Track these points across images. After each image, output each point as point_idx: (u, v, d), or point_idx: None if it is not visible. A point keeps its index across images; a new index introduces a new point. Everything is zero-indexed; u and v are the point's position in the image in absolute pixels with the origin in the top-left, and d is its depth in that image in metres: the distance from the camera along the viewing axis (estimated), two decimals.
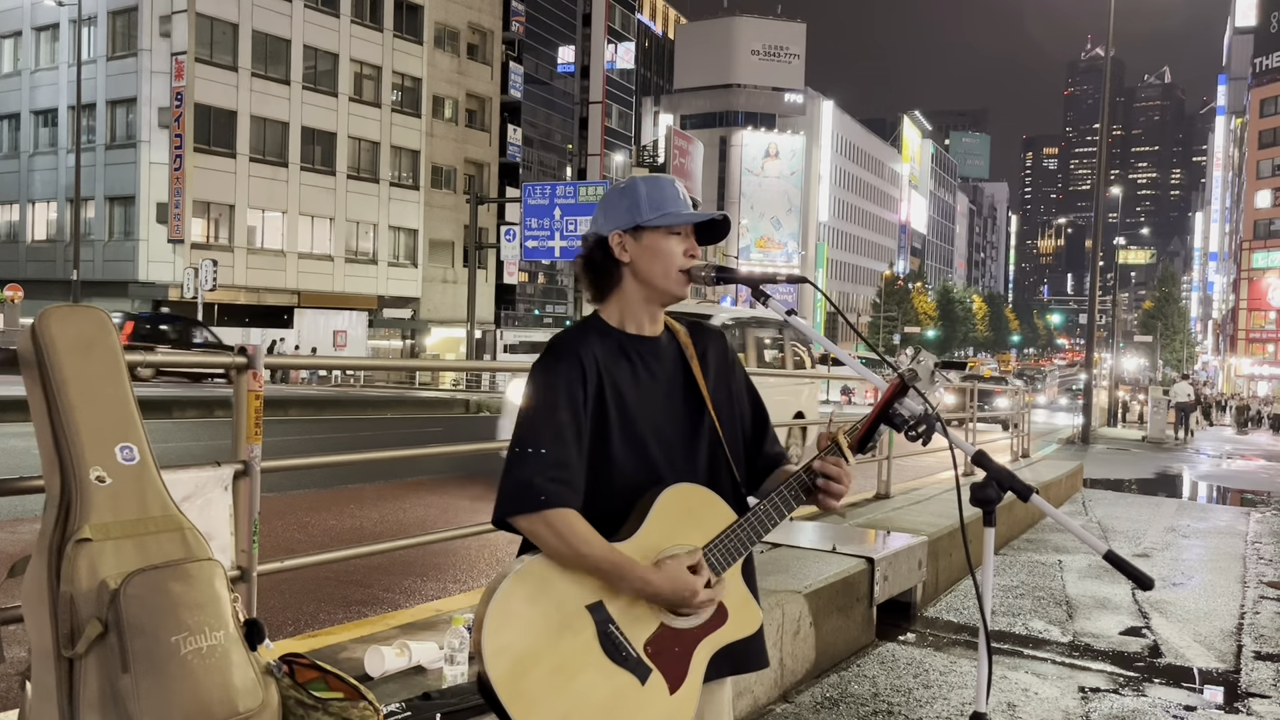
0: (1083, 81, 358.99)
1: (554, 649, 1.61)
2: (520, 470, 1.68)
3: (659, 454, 1.79)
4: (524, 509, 1.65)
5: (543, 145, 61.08)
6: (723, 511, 1.78)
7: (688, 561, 1.69)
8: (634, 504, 1.74)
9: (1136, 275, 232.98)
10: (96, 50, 35.84)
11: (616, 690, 1.64)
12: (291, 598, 5.16)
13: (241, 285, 36.31)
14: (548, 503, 1.65)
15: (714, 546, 1.74)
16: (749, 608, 1.81)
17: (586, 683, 1.62)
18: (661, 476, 1.76)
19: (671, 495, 1.73)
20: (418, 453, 4.50)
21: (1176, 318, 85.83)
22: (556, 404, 1.71)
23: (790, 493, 1.78)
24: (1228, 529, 9.99)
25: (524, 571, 1.64)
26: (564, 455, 1.69)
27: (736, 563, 1.77)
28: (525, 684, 1.58)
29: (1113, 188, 75.95)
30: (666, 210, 1.80)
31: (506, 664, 1.58)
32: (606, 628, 1.64)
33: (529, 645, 1.59)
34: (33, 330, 1.93)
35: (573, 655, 1.61)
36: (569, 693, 1.60)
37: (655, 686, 1.67)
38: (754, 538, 1.78)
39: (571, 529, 1.64)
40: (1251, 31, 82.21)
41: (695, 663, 1.72)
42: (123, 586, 1.76)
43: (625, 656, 1.65)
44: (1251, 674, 4.85)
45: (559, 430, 1.70)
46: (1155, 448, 23.43)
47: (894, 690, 4.31)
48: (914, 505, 7.31)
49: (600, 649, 1.63)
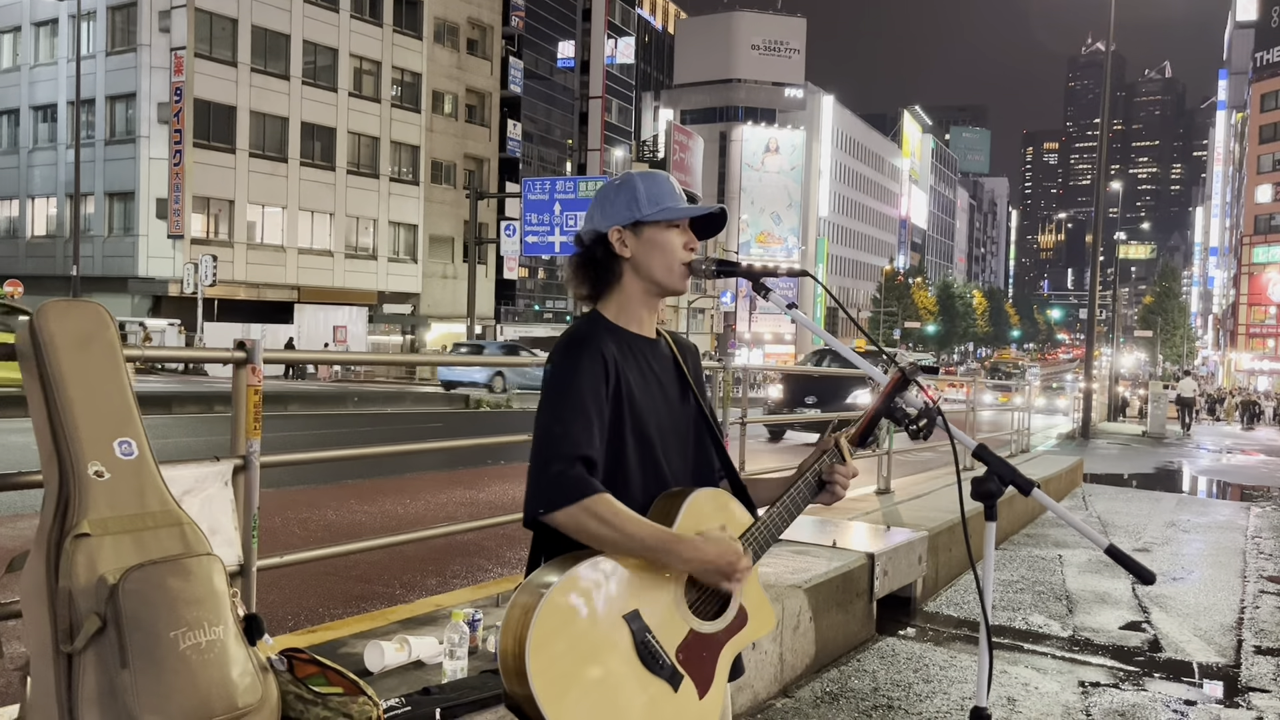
0: (1083, 76, 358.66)
1: (594, 663, 1.59)
2: (553, 465, 1.65)
3: (667, 454, 1.80)
4: (564, 502, 1.63)
5: (543, 140, 61.03)
6: (740, 515, 1.80)
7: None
8: (645, 497, 1.74)
9: (1137, 270, 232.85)
10: (96, 45, 35.78)
11: (651, 699, 1.64)
12: (291, 593, 5.16)
13: (241, 280, 36.29)
14: (588, 490, 1.63)
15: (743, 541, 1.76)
16: (765, 608, 1.83)
17: (626, 695, 1.61)
18: (671, 472, 1.78)
19: (696, 501, 1.74)
20: (417, 448, 4.50)
21: (1177, 313, 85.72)
22: (583, 398, 1.70)
23: (804, 491, 1.83)
24: (1228, 524, 9.99)
25: (566, 584, 1.61)
26: (592, 448, 1.68)
27: (756, 563, 1.79)
28: (568, 701, 1.56)
29: (1113, 183, 75.79)
30: (665, 205, 1.80)
31: (551, 679, 1.56)
32: (644, 637, 1.63)
33: (572, 661, 1.58)
34: (31, 325, 1.92)
35: (613, 668, 1.61)
36: (611, 707, 1.60)
37: (686, 692, 1.67)
38: (771, 539, 1.80)
39: (617, 511, 1.63)
40: (1252, 26, 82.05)
41: (720, 666, 1.73)
42: (121, 582, 1.76)
43: (661, 665, 1.64)
44: (1252, 668, 4.85)
45: (588, 424, 1.69)
46: (1155, 443, 23.44)
47: (894, 685, 4.31)
48: (914, 500, 7.31)
49: (638, 659, 1.63)
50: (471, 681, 2.74)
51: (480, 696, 2.60)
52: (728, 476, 1.92)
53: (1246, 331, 75.27)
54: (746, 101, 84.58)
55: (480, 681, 2.73)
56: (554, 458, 1.66)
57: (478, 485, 9.52)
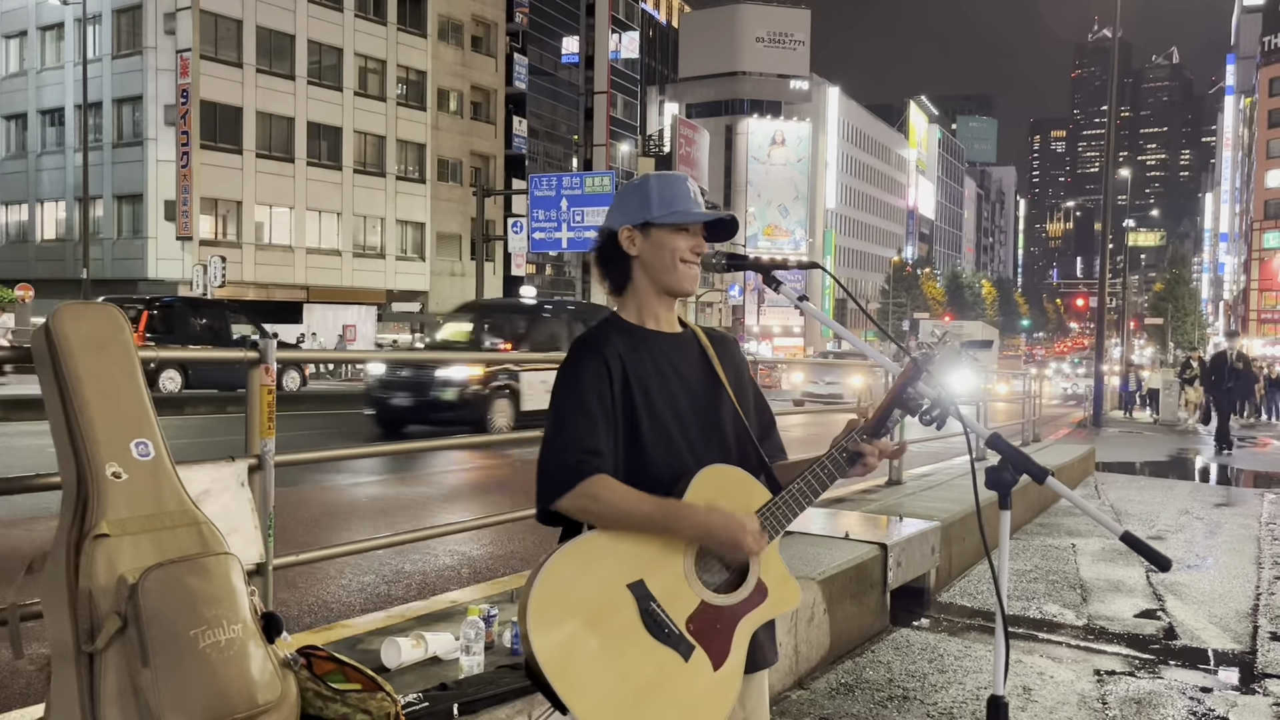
0: (1090, 63, 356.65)
1: (598, 628, 1.63)
2: (552, 459, 1.72)
3: (686, 442, 1.82)
4: (563, 489, 1.69)
5: (548, 137, 60.94)
6: (758, 490, 1.80)
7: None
8: (666, 491, 1.75)
9: (1146, 257, 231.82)
10: (102, 49, 35.88)
11: (661, 667, 1.65)
12: (307, 591, 5.19)
13: (250, 281, 36.38)
14: (584, 474, 1.68)
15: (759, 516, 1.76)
16: (788, 584, 1.82)
17: (631, 660, 1.64)
18: (690, 463, 1.78)
19: (706, 476, 1.75)
20: (432, 445, 4.52)
21: (1187, 299, 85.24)
22: (584, 398, 1.75)
23: (825, 471, 1.79)
24: (1242, 511, 9.95)
25: (565, 553, 1.66)
26: (594, 441, 1.72)
27: (775, 540, 1.78)
28: (571, 664, 1.60)
29: (1121, 170, 75.52)
30: (676, 208, 1.84)
31: (552, 645, 1.60)
32: (648, 605, 1.66)
33: (573, 626, 1.61)
34: (46, 328, 1.94)
35: (616, 634, 1.64)
36: (614, 671, 1.62)
37: (699, 663, 1.69)
38: (792, 514, 1.78)
39: (614, 489, 1.68)
40: (1260, 10, 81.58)
41: (737, 640, 1.73)
42: (141, 581, 1.77)
43: (668, 634, 1.67)
44: (1268, 655, 4.84)
45: (590, 420, 1.73)
46: (1167, 430, 23.34)
47: (909, 675, 4.31)
48: (926, 490, 7.30)
49: (643, 626, 1.65)
50: (488, 676, 2.75)
51: (497, 691, 2.62)
52: (760, 464, 1.90)
53: (1258, 317, 74.92)
54: (752, 94, 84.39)
55: (497, 676, 2.74)
56: (555, 453, 1.73)
57: (492, 481, 9.54)
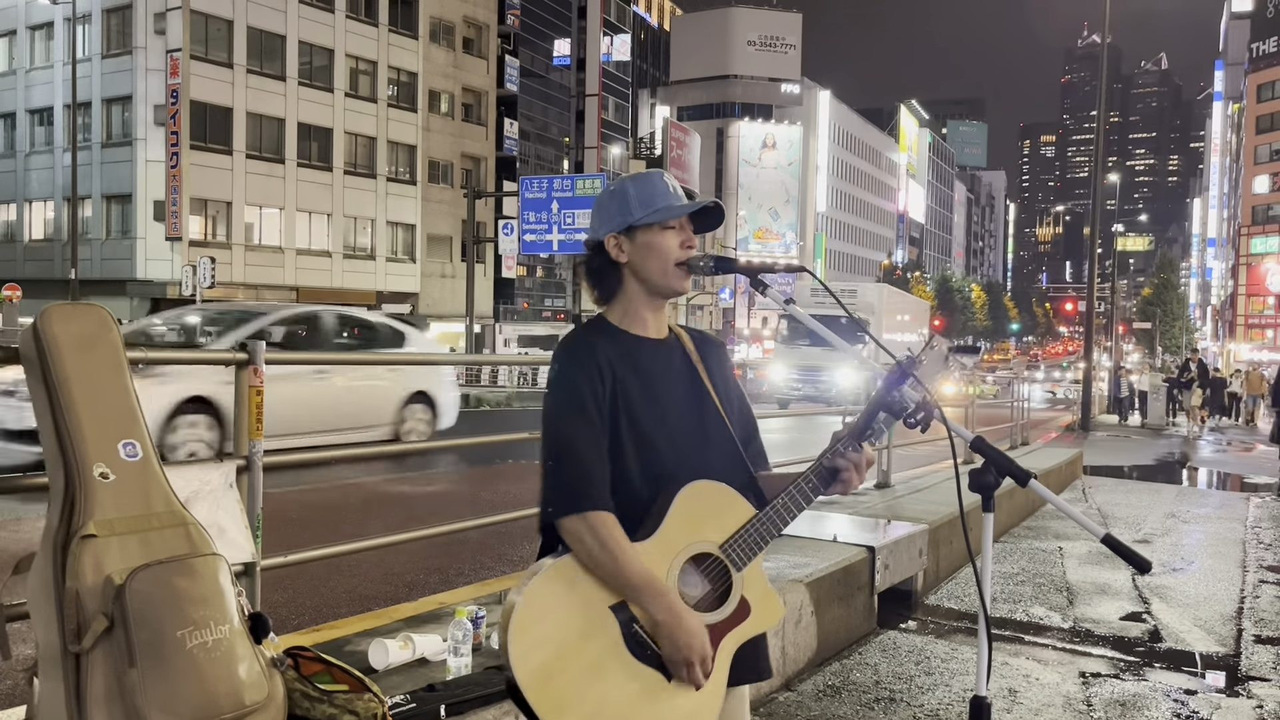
0: (1080, 69, 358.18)
1: (581, 649, 1.62)
2: (562, 473, 1.71)
3: (671, 451, 1.79)
4: (570, 510, 1.68)
5: (539, 139, 60.94)
6: (741, 507, 1.77)
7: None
8: (649, 501, 1.74)
9: (1135, 262, 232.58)
10: (91, 48, 35.72)
11: (643, 687, 1.65)
12: (295, 592, 5.18)
13: (240, 282, 36.25)
14: (591, 505, 1.67)
15: (735, 541, 1.74)
16: (771, 601, 1.81)
17: (613, 681, 1.63)
18: (674, 474, 1.76)
19: (689, 493, 1.73)
20: (418, 447, 4.51)
21: (1175, 304, 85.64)
22: (584, 406, 1.73)
23: (809, 485, 1.78)
24: (1228, 514, 10.01)
25: (549, 574, 1.65)
26: (596, 459, 1.72)
27: (758, 557, 1.77)
28: (552, 684, 1.59)
29: (1110, 175, 75.91)
30: (657, 206, 1.81)
31: (534, 665, 1.59)
32: (631, 627, 1.66)
33: (556, 646, 1.61)
34: (34, 328, 1.94)
35: (599, 655, 1.63)
36: (596, 691, 1.62)
37: (682, 682, 1.68)
38: (774, 531, 1.77)
39: (613, 536, 1.66)
40: (1248, 16, 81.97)
41: (720, 659, 1.72)
42: (128, 582, 1.78)
43: (650, 655, 1.66)
44: (1252, 657, 4.87)
45: (591, 432, 1.72)
46: (1154, 434, 23.45)
47: (896, 677, 4.33)
48: (914, 494, 7.32)
49: (626, 648, 1.65)
50: (476, 678, 2.76)
51: (484, 693, 2.62)
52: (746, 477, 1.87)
53: (1245, 322, 75.26)
54: (743, 97, 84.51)
55: (484, 678, 2.75)
56: (562, 469, 1.71)
57: (480, 483, 9.53)
